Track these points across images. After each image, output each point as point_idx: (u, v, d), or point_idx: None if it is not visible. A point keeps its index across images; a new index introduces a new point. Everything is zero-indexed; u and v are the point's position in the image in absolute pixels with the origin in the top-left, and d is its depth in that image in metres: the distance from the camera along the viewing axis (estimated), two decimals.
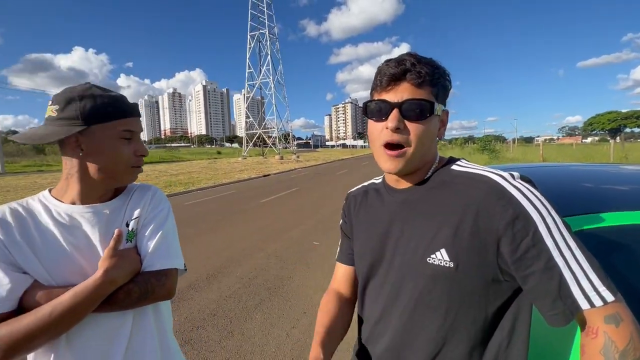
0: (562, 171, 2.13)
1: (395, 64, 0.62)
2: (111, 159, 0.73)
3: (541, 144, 20.89)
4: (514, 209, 0.56)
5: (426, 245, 0.63)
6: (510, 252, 0.55)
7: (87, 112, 0.70)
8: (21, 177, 20.11)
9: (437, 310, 0.62)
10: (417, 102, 0.61)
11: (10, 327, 0.59)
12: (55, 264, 0.69)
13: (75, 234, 0.72)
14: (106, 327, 0.71)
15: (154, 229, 0.78)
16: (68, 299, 0.63)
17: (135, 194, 0.82)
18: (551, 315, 0.54)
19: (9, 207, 0.70)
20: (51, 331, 0.62)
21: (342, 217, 0.90)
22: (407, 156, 0.63)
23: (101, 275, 0.67)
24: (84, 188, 0.74)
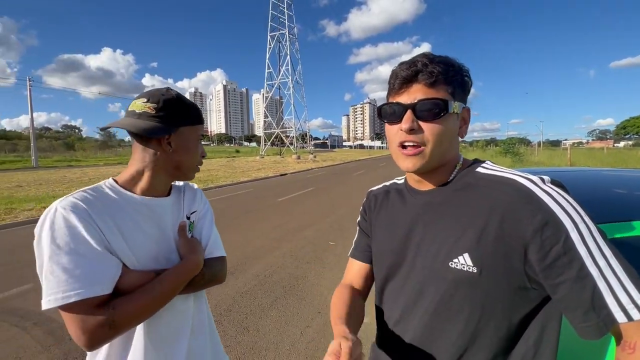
0: (592, 176, 2.03)
1: (407, 66, 0.63)
2: (191, 157, 0.82)
3: (569, 147, 19.96)
4: (543, 214, 0.53)
5: (449, 249, 0.61)
6: (538, 259, 0.53)
7: (182, 115, 0.79)
8: (52, 171, 21.21)
9: (459, 315, 0.61)
10: (429, 101, 0.61)
11: (126, 305, 0.66)
12: (139, 249, 0.74)
13: (149, 223, 0.78)
14: (179, 308, 0.79)
15: (210, 221, 0.91)
16: (172, 278, 0.73)
17: (187, 191, 0.92)
18: (583, 327, 0.52)
19: (87, 194, 0.72)
20: (156, 308, 0.71)
21: (362, 214, 0.89)
22: (425, 155, 0.63)
23: (195, 257, 0.78)
24: (156, 181, 0.80)
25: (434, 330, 0.64)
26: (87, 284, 0.63)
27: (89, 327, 0.62)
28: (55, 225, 0.64)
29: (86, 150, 47.54)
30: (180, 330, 0.79)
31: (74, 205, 0.67)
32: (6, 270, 4.05)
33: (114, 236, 0.70)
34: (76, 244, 0.64)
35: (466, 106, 0.67)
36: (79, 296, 0.61)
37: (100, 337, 0.64)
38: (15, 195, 10.12)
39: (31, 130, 28.79)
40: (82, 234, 0.65)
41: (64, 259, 0.63)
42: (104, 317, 0.63)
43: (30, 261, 3.58)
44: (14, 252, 4.81)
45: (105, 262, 0.66)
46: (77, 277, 0.62)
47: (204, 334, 0.85)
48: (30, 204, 8.65)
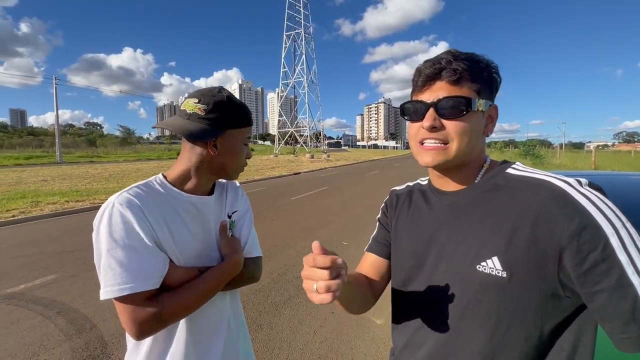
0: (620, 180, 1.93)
1: (431, 63, 0.61)
2: (236, 159, 0.82)
3: (593, 149, 19.15)
4: (580, 218, 0.50)
5: (476, 252, 0.59)
6: (574, 265, 0.50)
7: (230, 117, 0.78)
8: (75, 166, 22.03)
9: (486, 322, 0.58)
10: (452, 99, 0.59)
11: (173, 300, 0.69)
12: (184, 245, 0.76)
13: (194, 221, 0.80)
14: (218, 304, 0.82)
15: (249, 221, 0.92)
16: (216, 276, 0.75)
17: (229, 190, 0.92)
18: (622, 339, 0.48)
19: (140, 189, 0.74)
20: (198, 304, 0.73)
21: (382, 211, 0.87)
22: (448, 152, 0.61)
23: (237, 257, 0.80)
24: (202, 180, 0.81)
25: (459, 337, 0.61)
26: (140, 279, 0.66)
27: (139, 319, 0.66)
28: (112, 220, 0.68)
29: (107, 147, 49.14)
30: (218, 325, 0.82)
31: (129, 202, 0.70)
32: (32, 261, 4.23)
33: (163, 233, 0.73)
34: (130, 239, 0.67)
35: (493, 104, 0.64)
36: (131, 290, 0.65)
37: (148, 329, 0.67)
38: (41, 189, 10.56)
39: (56, 127, 30.01)
40: (136, 230, 0.68)
41: (120, 253, 0.66)
42: (153, 310, 0.67)
43: (55, 253, 3.76)
44: (39, 244, 5.02)
45: (155, 258, 0.69)
46: (131, 272, 0.66)
47: (238, 328, 0.88)
48: (54, 197, 9.00)
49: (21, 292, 3.31)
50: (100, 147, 49.73)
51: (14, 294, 3.26)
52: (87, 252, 4.59)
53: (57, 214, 7.34)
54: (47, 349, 2.36)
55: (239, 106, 0.81)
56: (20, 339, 2.48)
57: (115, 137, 64.94)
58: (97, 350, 2.34)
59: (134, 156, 37.24)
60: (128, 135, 65.31)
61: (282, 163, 26.93)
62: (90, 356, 2.27)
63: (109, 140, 59.42)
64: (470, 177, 0.66)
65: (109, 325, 2.66)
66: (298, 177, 16.80)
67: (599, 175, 2.05)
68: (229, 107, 0.78)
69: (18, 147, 45.57)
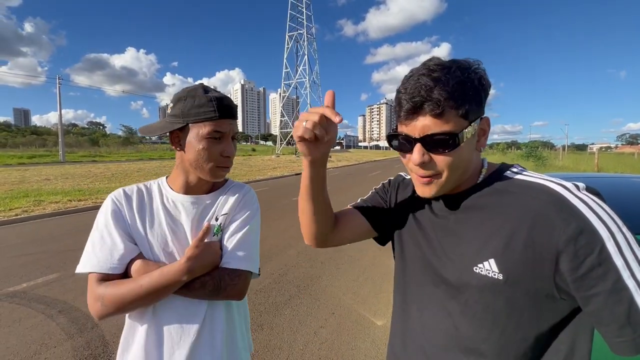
0: (622, 183, 1.93)
1: (410, 95, 0.56)
2: (199, 156, 0.77)
3: (596, 151, 19.07)
4: (577, 222, 0.50)
5: (474, 254, 0.59)
6: (570, 269, 0.50)
7: (186, 112, 0.76)
8: (78, 166, 22.12)
9: (483, 323, 0.59)
10: (437, 135, 0.56)
11: (114, 287, 0.72)
12: (157, 243, 0.79)
13: (174, 220, 0.81)
14: (183, 310, 0.77)
15: (237, 228, 0.82)
16: (156, 276, 0.73)
17: (230, 192, 0.87)
18: (618, 343, 0.49)
19: (137, 187, 0.84)
20: (141, 300, 0.72)
21: (384, 186, 0.87)
22: (440, 183, 0.61)
23: (183, 263, 0.73)
24: (185, 179, 0.82)
25: (458, 336, 0.62)
26: (98, 262, 0.73)
27: (91, 298, 0.72)
28: (101, 209, 0.79)
29: (109, 146, 49.33)
30: (183, 332, 0.76)
31: (116, 195, 0.80)
32: (34, 260, 4.25)
33: (136, 226, 0.78)
34: (104, 227, 0.76)
35: (484, 117, 0.60)
36: (91, 269, 0.73)
37: (97, 310, 0.71)
38: (43, 188, 10.61)
39: (60, 127, 30.17)
40: (110, 220, 0.77)
41: (95, 236, 0.76)
42: (99, 292, 0.71)
43: (57, 252, 3.78)
44: (41, 243, 5.04)
45: (118, 247, 0.74)
46: (96, 254, 0.74)
47: (214, 344, 0.79)
48: (57, 196, 9.04)
49: (23, 290, 3.33)
50: (103, 146, 49.94)
51: (16, 293, 3.28)
52: None
53: (59, 213, 7.38)
54: (48, 347, 2.37)
55: (202, 98, 0.75)
56: (22, 338, 2.49)
57: (117, 137, 65.18)
58: (99, 349, 2.34)
59: (136, 156, 37.36)
60: (130, 135, 65.50)
61: (284, 163, 26.95)
62: (92, 355, 2.28)
63: (112, 139, 59.63)
64: (470, 182, 0.66)
65: (110, 324, 2.67)
66: (300, 177, 16.79)
67: (601, 178, 2.05)
68: (188, 100, 0.76)
69: (21, 146, 45.83)
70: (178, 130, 0.78)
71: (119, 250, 0.74)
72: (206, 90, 0.79)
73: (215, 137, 0.77)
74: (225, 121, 0.78)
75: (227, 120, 0.78)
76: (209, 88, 0.81)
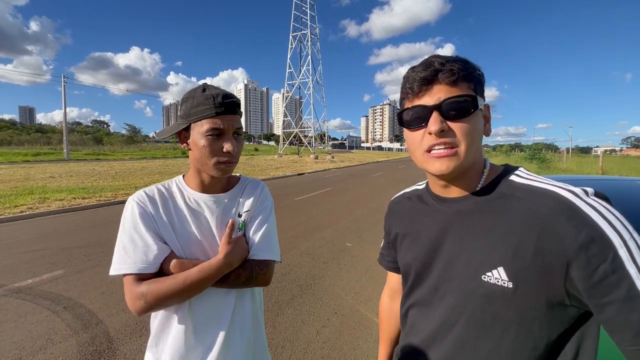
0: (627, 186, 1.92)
1: (423, 67, 0.59)
2: (201, 153, 0.79)
3: (601, 154, 18.91)
4: (588, 230, 0.49)
5: (481, 262, 0.58)
6: (583, 278, 0.49)
7: (187, 112, 0.80)
8: (82, 164, 22.25)
9: (491, 332, 0.58)
10: (457, 99, 0.56)
11: (156, 284, 0.75)
12: (186, 240, 0.82)
13: (199, 218, 0.85)
14: (217, 301, 0.83)
15: (260, 222, 0.89)
16: (197, 272, 0.77)
17: (247, 188, 0.93)
18: (632, 351, 0.48)
19: (156, 188, 0.86)
20: (183, 295, 0.76)
21: (385, 226, 0.88)
22: (460, 155, 0.58)
23: (222, 258, 0.79)
24: (200, 177, 0.86)
25: (465, 346, 0.61)
26: (134, 263, 0.76)
27: (131, 297, 0.75)
28: (126, 212, 0.81)
29: (113, 145, 49.58)
30: (218, 320, 0.83)
31: (140, 198, 0.82)
32: (39, 256, 4.29)
33: (165, 227, 0.81)
34: (134, 230, 0.79)
35: (486, 103, 0.63)
36: (126, 270, 0.76)
37: (138, 307, 0.74)
38: (48, 186, 10.69)
39: (64, 125, 30.35)
40: (139, 223, 0.79)
41: (125, 239, 0.78)
42: (140, 290, 0.74)
43: (62, 249, 3.81)
44: (46, 240, 5.08)
45: (151, 247, 0.77)
46: (130, 256, 0.77)
47: (244, 329, 0.87)
48: (62, 194, 9.11)
49: (29, 286, 3.37)
50: (107, 145, 50.18)
51: (21, 288, 3.31)
52: (93, 248, 4.65)
53: (63, 211, 7.43)
54: (54, 342, 2.40)
55: (200, 97, 0.78)
56: (28, 333, 2.52)
57: (121, 136, 65.53)
58: (103, 345, 2.37)
59: (139, 154, 37.52)
60: (134, 134, 65.94)
61: (286, 163, 26.96)
62: (96, 351, 2.31)
63: (115, 138, 59.91)
64: (472, 183, 0.64)
65: (115, 321, 2.69)
66: (302, 177, 16.81)
67: (606, 180, 2.04)
68: (189, 101, 0.79)
69: (26, 144, 46.13)
70: (184, 131, 0.82)
71: (152, 250, 0.77)
72: (205, 89, 0.81)
73: (214, 133, 0.78)
74: (224, 117, 0.78)
75: (226, 116, 0.79)
76: (209, 86, 0.82)
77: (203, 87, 0.82)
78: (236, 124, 0.81)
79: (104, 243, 4.90)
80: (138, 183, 11.92)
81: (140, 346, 2.36)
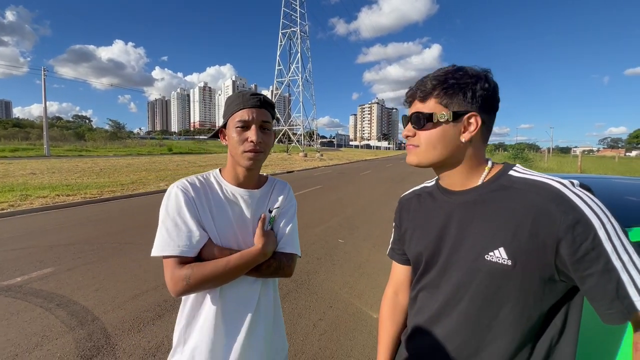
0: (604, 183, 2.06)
1: (415, 84, 0.76)
2: (232, 143, 0.89)
3: (580, 154, 19.69)
4: (574, 214, 0.59)
5: (485, 243, 0.67)
6: (569, 254, 0.58)
7: (225, 111, 0.91)
8: (64, 160, 21.57)
9: (492, 304, 0.66)
10: (417, 114, 0.73)
11: (198, 268, 0.80)
12: (222, 229, 0.89)
13: (235, 210, 0.92)
14: (245, 288, 0.90)
15: (288, 219, 0.98)
16: (237, 258, 0.83)
17: (276, 187, 1.02)
18: (608, 314, 0.57)
19: (196, 178, 0.92)
20: (222, 278, 0.82)
21: (395, 221, 0.96)
22: (418, 152, 0.74)
23: (261, 248, 0.87)
24: (235, 172, 0.93)
25: (469, 319, 0.69)
26: (177, 246, 0.81)
27: (173, 278, 0.80)
28: (169, 198, 0.86)
29: (96, 141, 48.15)
30: (246, 305, 0.90)
31: (183, 186, 0.88)
32: (26, 255, 4.20)
33: (206, 215, 0.87)
34: (178, 215, 0.84)
35: (472, 113, 0.69)
36: (169, 252, 0.81)
37: (181, 288, 0.79)
38: (29, 183, 10.36)
39: (44, 119, 29.33)
40: (184, 209, 0.84)
41: (169, 223, 0.83)
42: (183, 273, 0.79)
43: (49, 246, 3.77)
44: (32, 238, 4.97)
45: (193, 233, 0.83)
46: (173, 239, 0.82)
47: (268, 316, 0.94)
48: (44, 191, 8.86)
49: (18, 284, 3.30)
50: (89, 141, 48.69)
51: (11, 287, 3.25)
52: (82, 246, 4.58)
53: (47, 208, 7.24)
54: (50, 339, 2.38)
55: (234, 96, 0.89)
56: (21, 330, 2.49)
57: (104, 131, 63.50)
58: (101, 341, 2.37)
59: (124, 151, 36.61)
60: (118, 130, 64.16)
61: (275, 161, 26.88)
62: (95, 346, 2.31)
63: (98, 134, 58.09)
64: (474, 178, 0.74)
65: (111, 317, 2.69)
66: (291, 175, 16.83)
67: (585, 178, 2.19)
68: (228, 102, 0.90)
69: (3, 139, 44.25)
70: (223, 128, 0.92)
71: (195, 236, 0.83)
72: (238, 92, 0.91)
73: (241, 125, 0.86)
74: (249, 110, 0.86)
75: (251, 109, 0.86)
76: (242, 90, 0.92)
77: (240, 91, 0.91)
78: (262, 117, 0.88)
79: (93, 241, 4.83)
80: (125, 180, 11.69)
81: (139, 341, 2.38)
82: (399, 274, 0.96)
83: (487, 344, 0.68)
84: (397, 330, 0.92)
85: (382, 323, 0.95)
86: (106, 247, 4.53)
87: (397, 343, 0.92)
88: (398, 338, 0.92)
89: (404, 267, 0.94)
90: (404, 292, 0.94)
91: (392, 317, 0.93)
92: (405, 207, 0.92)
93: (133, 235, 5.19)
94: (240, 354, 0.87)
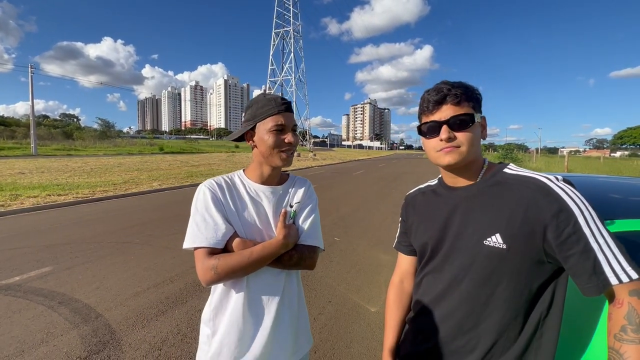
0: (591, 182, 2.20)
1: (435, 92, 0.80)
2: (265, 145, 0.94)
3: (566, 154, 20.25)
4: (558, 204, 0.70)
5: (483, 230, 0.78)
6: (554, 237, 0.70)
7: (254, 114, 0.96)
8: (53, 159, 21.18)
9: (489, 283, 0.77)
10: (459, 116, 0.78)
11: (225, 258, 0.87)
12: (247, 223, 0.96)
13: (258, 206, 0.99)
14: (270, 279, 0.97)
15: (308, 213, 1.04)
16: (260, 249, 0.90)
17: (297, 184, 1.09)
18: (587, 288, 0.68)
19: (222, 178, 1.00)
20: (247, 268, 0.88)
21: (402, 216, 1.06)
22: (462, 152, 0.79)
23: (282, 239, 0.92)
24: (261, 171, 1.00)
25: (469, 296, 0.80)
26: (206, 238, 0.89)
27: (202, 268, 0.87)
28: (198, 196, 0.95)
29: (85, 140, 47.25)
30: (271, 296, 0.96)
31: (210, 185, 0.96)
32: (22, 254, 4.18)
33: (231, 210, 0.95)
34: (206, 211, 0.92)
35: (483, 115, 0.85)
36: (198, 244, 0.88)
37: (210, 278, 0.86)
38: (18, 182, 10.19)
39: (32, 117, 28.69)
40: (211, 205, 0.92)
41: (198, 218, 0.91)
42: (212, 263, 0.86)
43: (45, 246, 3.81)
44: (27, 237, 4.94)
45: (220, 226, 0.90)
46: (202, 232, 0.90)
47: (292, 307, 1.00)
48: (34, 191, 8.74)
49: (17, 283, 3.31)
50: (78, 140, 47.74)
51: (10, 285, 3.25)
52: (79, 245, 4.57)
53: (38, 208, 7.16)
54: (54, 336, 2.42)
55: (263, 100, 0.94)
56: (25, 328, 2.52)
57: (93, 130, 62.28)
58: (107, 337, 2.42)
59: (114, 150, 36.04)
60: (107, 129, 62.98)
61: None
62: (100, 342, 2.36)
63: (87, 133, 57.02)
64: (474, 175, 0.85)
65: (115, 314, 2.73)
66: None
67: (573, 177, 2.33)
68: (254, 107, 0.95)
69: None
70: (250, 131, 0.97)
71: (222, 229, 0.90)
72: (265, 95, 0.97)
73: (278, 129, 0.93)
74: (285, 114, 0.94)
75: (285, 114, 0.94)
76: (267, 93, 0.99)
77: (263, 93, 0.98)
78: (293, 121, 0.97)
79: (90, 240, 4.82)
80: (117, 180, 11.57)
81: (144, 336, 2.44)
82: (404, 264, 1.06)
83: (484, 318, 0.78)
84: (402, 314, 1.02)
85: (389, 307, 1.05)
86: (104, 246, 4.54)
87: (403, 326, 1.02)
88: (403, 321, 1.01)
89: (409, 258, 1.04)
90: (409, 280, 1.04)
91: (398, 302, 1.03)
92: (410, 203, 1.03)
93: (130, 234, 5.19)
94: (266, 343, 0.93)
